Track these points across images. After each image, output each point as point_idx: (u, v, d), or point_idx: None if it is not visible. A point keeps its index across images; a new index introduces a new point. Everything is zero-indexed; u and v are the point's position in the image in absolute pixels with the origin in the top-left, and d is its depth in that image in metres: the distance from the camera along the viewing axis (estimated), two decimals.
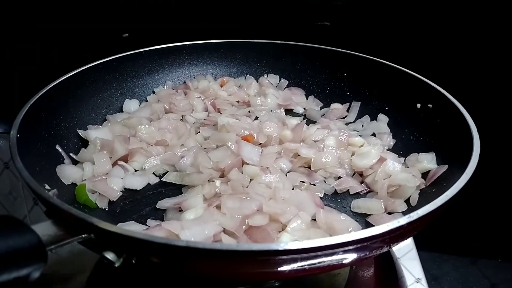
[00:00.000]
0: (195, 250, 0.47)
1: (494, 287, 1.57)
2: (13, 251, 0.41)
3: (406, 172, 0.80)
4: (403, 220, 0.51)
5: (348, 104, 1.07)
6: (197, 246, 0.47)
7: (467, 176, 0.61)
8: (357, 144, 0.89)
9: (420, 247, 1.26)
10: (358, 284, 0.91)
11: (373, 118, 1.02)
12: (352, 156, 0.87)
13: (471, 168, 0.62)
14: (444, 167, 0.77)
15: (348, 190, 0.82)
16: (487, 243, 1.58)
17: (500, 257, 1.57)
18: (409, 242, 1.32)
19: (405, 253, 1.32)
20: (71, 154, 0.85)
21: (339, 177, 0.84)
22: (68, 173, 0.80)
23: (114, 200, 0.78)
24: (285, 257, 0.47)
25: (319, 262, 0.51)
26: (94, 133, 0.90)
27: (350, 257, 0.52)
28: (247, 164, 0.81)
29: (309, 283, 0.88)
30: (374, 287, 0.94)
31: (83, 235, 0.50)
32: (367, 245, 0.50)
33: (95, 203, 0.76)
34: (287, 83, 1.19)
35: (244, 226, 0.66)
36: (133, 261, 0.52)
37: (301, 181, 0.81)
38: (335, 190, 0.82)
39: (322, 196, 0.80)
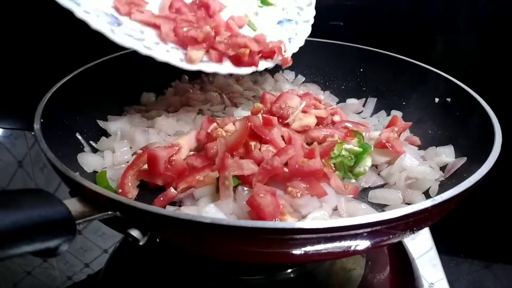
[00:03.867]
0: (220, 227, 0.47)
1: None
2: (45, 221, 0.42)
3: (425, 166, 0.80)
4: (428, 203, 0.51)
5: (364, 99, 1.07)
6: (222, 223, 0.47)
7: (490, 163, 0.60)
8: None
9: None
10: (373, 280, 0.91)
11: (389, 113, 1.02)
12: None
13: (495, 155, 0.62)
14: (463, 159, 0.76)
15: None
16: (503, 247, 1.56)
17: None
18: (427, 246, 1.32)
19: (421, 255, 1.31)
20: (91, 142, 0.86)
21: None
22: (89, 161, 0.81)
23: (133, 198, 0.78)
24: (312, 235, 0.47)
25: (343, 244, 0.51)
26: (114, 124, 0.91)
27: (374, 239, 0.52)
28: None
29: (324, 276, 0.87)
30: (389, 285, 0.93)
31: (109, 212, 0.51)
32: (391, 227, 0.50)
33: (115, 190, 0.77)
34: (303, 80, 1.19)
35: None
36: (157, 240, 0.53)
37: None
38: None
39: None
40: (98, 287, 0.98)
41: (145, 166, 0.76)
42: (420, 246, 1.32)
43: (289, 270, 0.80)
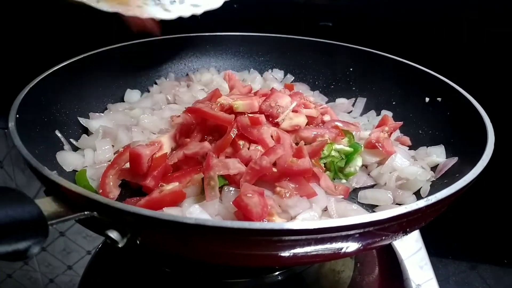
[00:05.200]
0: (204, 228, 0.44)
1: None
2: (14, 221, 0.39)
3: (416, 166, 0.78)
4: (422, 203, 0.49)
5: (353, 99, 1.06)
6: (206, 224, 0.45)
7: (485, 162, 0.59)
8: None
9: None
10: (362, 282, 0.89)
11: (379, 113, 1.00)
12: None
13: (488, 153, 0.61)
14: (454, 159, 0.75)
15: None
16: (488, 248, 1.57)
17: (500, 263, 1.56)
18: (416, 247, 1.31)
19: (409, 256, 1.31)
20: (71, 140, 0.83)
21: None
22: (69, 159, 0.78)
23: (115, 198, 0.74)
24: (302, 237, 0.45)
25: (334, 246, 0.49)
26: (96, 121, 0.88)
27: (366, 240, 0.50)
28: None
29: (312, 279, 0.85)
30: (378, 287, 0.92)
31: (86, 212, 0.48)
32: (384, 228, 0.48)
33: (95, 190, 0.73)
34: (292, 79, 1.17)
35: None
36: (138, 242, 0.49)
37: None
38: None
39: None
40: None
41: (127, 165, 0.73)
42: (409, 247, 1.31)
43: (277, 273, 0.77)
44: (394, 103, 1.00)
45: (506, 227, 1.50)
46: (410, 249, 1.32)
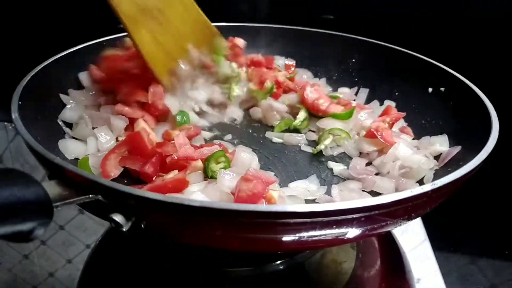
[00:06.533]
0: (209, 211, 0.44)
1: (493, 287, 1.55)
2: (19, 201, 0.38)
3: (420, 155, 0.78)
4: (428, 187, 0.49)
5: (356, 88, 1.06)
6: (212, 206, 0.44)
7: (490, 147, 0.59)
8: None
9: None
10: (363, 273, 0.89)
11: (382, 103, 1.00)
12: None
13: (494, 139, 0.61)
14: (458, 148, 0.75)
15: None
16: (489, 242, 1.57)
17: (501, 258, 1.56)
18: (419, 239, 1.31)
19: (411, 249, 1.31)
20: (68, 130, 0.82)
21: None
22: (71, 148, 0.77)
23: (115, 176, 0.74)
24: (305, 220, 0.45)
25: (337, 230, 0.49)
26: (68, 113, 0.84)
27: (371, 225, 0.49)
28: None
29: (314, 269, 0.85)
30: (380, 278, 0.92)
31: (90, 195, 0.48)
32: (389, 212, 0.48)
33: None
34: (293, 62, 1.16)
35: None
36: (142, 226, 0.49)
37: None
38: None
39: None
40: (79, 283, 0.93)
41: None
42: (412, 239, 1.31)
43: (278, 262, 0.77)
44: (397, 93, 0.99)
45: (508, 219, 1.50)
46: (413, 241, 1.32)
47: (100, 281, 0.88)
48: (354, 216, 0.46)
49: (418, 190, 0.48)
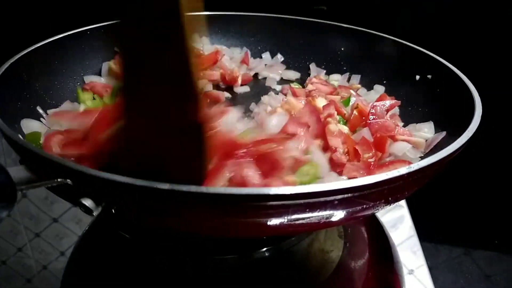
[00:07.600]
0: (179, 194, 0.43)
1: (488, 278, 1.56)
2: None
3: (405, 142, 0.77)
4: (404, 170, 0.48)
5: (347, 74, 1.05)
6: (182, 189, 0.43)
7: (471, 132, 0.59)
8: None
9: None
10: (351, 262, 0.89)
11: (372, 87, 1.00)
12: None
13: (475, 124, 0.60)
14: (443, 134, 0.74)
15: None
16: (482, 234, 1.57)
17: (494, 249, 1.56)
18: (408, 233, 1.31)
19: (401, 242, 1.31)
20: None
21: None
22: (31, 126, 0.74)
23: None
24: (279, 202, 0.44)
25: (312, 214, 0.48)
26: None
27: (347, 208, 0.49)
28: None
29: (300, 257, 0.85)
30: (367, 267, 0.91)
31: (58, 179, 0.47)
32: (365, 195, 0.47)
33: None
34: (282, 59, 1.15)
35: None
36: (113, 210, 0.48)
37: None
38: None
39: None
40: (65, 274, 0.93)
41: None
42: (405, 231, 1.31)
43: (264, 249, 0.76)
44: (385, 81, 0.99)
45: (497, 209, 1.50)
46: (403, 234, 1.32)
47: (86, 270, 0.88)
48: (327, 199, 0.45)
49: (394, 173, 0.47)
